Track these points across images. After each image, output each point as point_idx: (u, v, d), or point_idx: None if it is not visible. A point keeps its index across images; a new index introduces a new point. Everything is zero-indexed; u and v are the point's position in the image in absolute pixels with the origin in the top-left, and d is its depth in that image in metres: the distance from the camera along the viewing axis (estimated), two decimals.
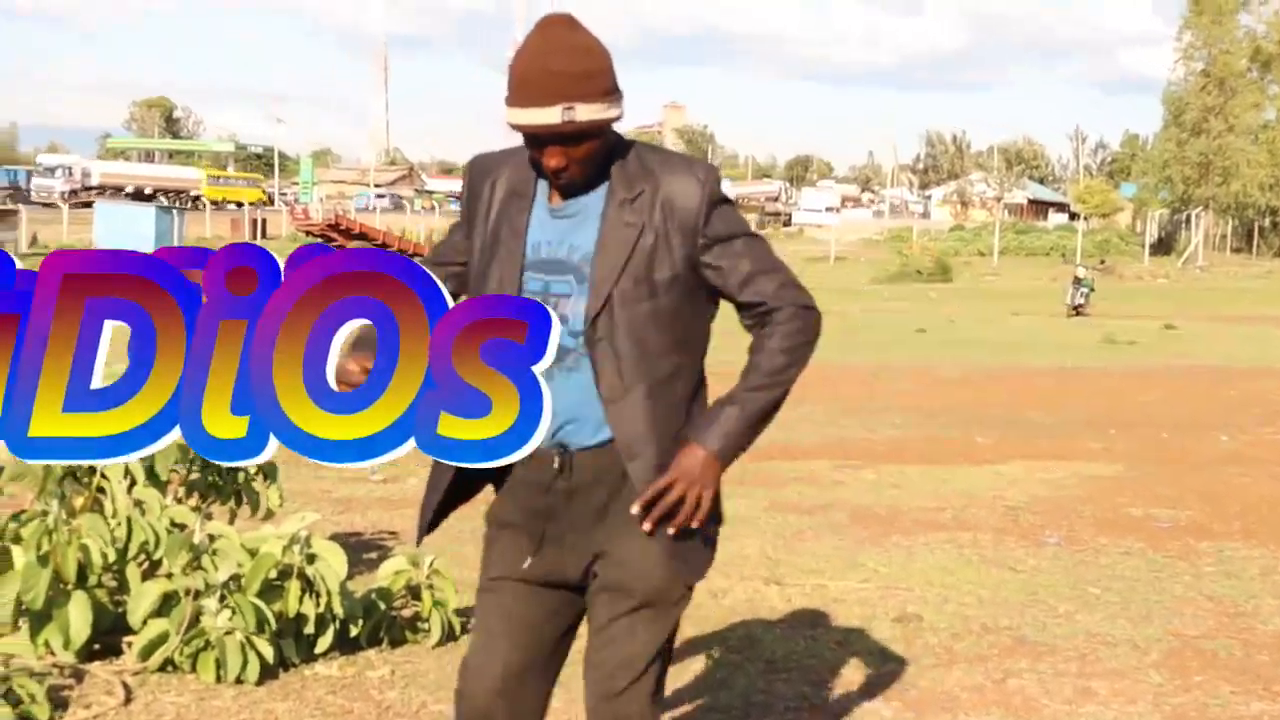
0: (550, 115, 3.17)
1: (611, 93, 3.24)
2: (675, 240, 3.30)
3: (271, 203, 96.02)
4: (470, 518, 3.82)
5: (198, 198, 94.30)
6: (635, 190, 3.31)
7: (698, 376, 3.45)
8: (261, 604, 5.58)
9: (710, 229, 3.32)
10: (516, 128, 3.25)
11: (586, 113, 3.18)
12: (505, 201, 3.44)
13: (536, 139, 3.25)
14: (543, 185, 3.40)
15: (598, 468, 3.37)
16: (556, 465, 3.38)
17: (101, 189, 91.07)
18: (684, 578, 3.43)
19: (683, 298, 3.34)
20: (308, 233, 56.73)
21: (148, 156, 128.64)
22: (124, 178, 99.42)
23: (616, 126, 3.33)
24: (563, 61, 3.17)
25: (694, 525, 3.33)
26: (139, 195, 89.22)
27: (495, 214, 3.45)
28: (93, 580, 5.60)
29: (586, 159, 3.27)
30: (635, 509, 3.30)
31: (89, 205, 65.55)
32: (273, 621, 5.60)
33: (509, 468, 3.42)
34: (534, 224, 3.40)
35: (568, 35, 3.23)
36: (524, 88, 3.19)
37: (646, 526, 3.31)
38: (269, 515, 6.57)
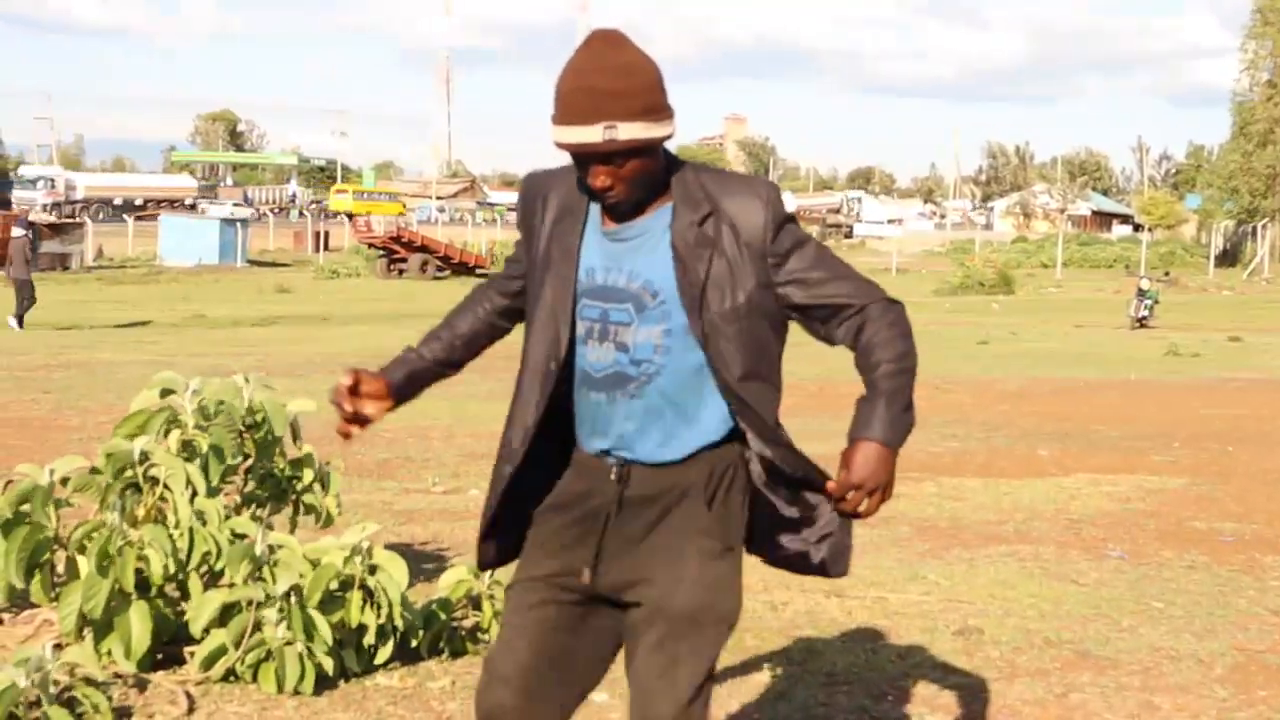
0: (591, 134, 3.11)
1: (657, 111, 3.16)
2: (747, 261, 3.24)
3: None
4: None
5: (193, 205, 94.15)
6: (701, 212, 3.23)
7: (776, 401, 3.38)
8: (317, 615, 5.59)
9: (779, 245, 3.25)
10: (561, 146, 3.19)
11: (629, 132, 3.10)
12: (556, 221, 3.38)
13: (581, 158, 3.20)
14: (595, 206, 3.32)
15: (657, 485, 3.35)
16: (614, 476, 3.37)
17: (87, 203, 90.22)
18: (716, 608, 3.36)
19: (758, 320, 3.27)
20: (370, 245, 57.00)
21: (211, 170, 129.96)
22: (112, 190, 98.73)
23: (676, 139, 3.30)
24: (605, 79, 3.10)
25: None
26: (129, 206, 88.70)
27: (547, 233, 3.39)
28: (154, 590, 5.64)
29: (633, 179, 3.20)
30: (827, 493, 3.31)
31: (154, 218, 66.09)
32: (328, 635, 5.60)
33: (559, 476, 3.47)
34: (587, 247, 3.33)
35: (612, 52, 3.16)
36: (566, 106, 3.14)
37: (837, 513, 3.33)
38: (328, 522, 6.60)
